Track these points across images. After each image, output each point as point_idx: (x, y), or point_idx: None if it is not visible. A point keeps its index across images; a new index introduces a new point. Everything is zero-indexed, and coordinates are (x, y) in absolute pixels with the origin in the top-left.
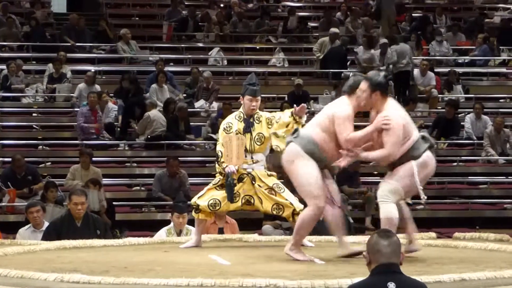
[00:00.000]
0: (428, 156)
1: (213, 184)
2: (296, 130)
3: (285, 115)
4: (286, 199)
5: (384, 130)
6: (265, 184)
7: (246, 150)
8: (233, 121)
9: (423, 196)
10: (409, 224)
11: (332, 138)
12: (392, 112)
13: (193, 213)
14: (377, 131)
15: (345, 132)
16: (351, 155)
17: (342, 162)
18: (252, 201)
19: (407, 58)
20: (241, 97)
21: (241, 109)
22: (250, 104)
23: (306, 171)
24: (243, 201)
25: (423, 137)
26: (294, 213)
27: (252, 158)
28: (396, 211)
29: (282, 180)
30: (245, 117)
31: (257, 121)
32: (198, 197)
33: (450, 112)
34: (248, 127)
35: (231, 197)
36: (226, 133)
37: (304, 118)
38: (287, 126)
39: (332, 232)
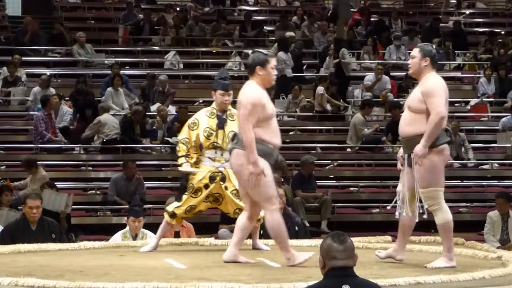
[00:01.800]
0: (446, 145)
1: (188, 193)
2: (235, 135)
3: None
4: None
5: (425, 94)
6: (232, 185)
7: (218, 147)
8: (202, 117)
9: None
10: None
11: (264, 126)
12: (436, 78)
13: (167, 217)
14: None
15: (246, 121)
16: (420, 158)
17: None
18: (220, 199)
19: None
20: (212, 92)
21: (213, 105)
22: (223, 98)
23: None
24: (211, 199)
25: (446, 130)
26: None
27: (222, 155)
28: (449, 215)
29: None
30: (218, 113)
31: (230, 118)
32: (176, 207)
33: (396, 114)
34: (221, 123)
35: (180, 198)
36: (190, 130)
37: None
38: None
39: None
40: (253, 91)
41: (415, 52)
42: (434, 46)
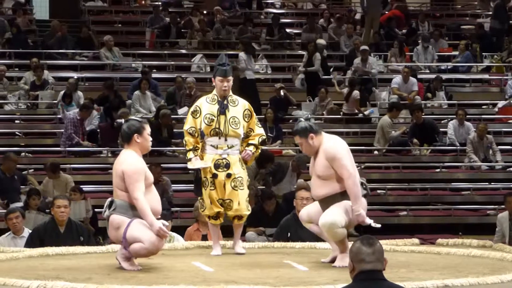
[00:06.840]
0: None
1: (206, 188)
2: (112, 202)
3: (247, 143)
4: (239, 202)
5: (330, 160)
6: (233, 174)
7: (220, 133)
8: (203, 104)
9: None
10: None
11: (146, 194)
12: (332, 141)
13: (212, 221)
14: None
15: (135, 193)
16: (364, 220)
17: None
18: (229, 203)
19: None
20: (212, 79)
21: (214, 92)
22: (222, 84)
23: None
24: (220, 202)
25: (361, 183)
26: (235, 217)
27: (226, 140)
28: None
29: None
30: (219, 99)
31: (232, 104)
32: (203, 211)
33: (418, 117)
34: (222, 109)
35: (197, 191)
36: (194, 118)
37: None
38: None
39: None
40: (135, 160)
41: (298, 140)
42: (301, 119)
